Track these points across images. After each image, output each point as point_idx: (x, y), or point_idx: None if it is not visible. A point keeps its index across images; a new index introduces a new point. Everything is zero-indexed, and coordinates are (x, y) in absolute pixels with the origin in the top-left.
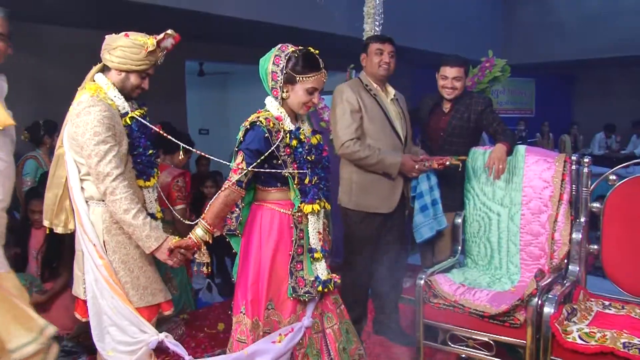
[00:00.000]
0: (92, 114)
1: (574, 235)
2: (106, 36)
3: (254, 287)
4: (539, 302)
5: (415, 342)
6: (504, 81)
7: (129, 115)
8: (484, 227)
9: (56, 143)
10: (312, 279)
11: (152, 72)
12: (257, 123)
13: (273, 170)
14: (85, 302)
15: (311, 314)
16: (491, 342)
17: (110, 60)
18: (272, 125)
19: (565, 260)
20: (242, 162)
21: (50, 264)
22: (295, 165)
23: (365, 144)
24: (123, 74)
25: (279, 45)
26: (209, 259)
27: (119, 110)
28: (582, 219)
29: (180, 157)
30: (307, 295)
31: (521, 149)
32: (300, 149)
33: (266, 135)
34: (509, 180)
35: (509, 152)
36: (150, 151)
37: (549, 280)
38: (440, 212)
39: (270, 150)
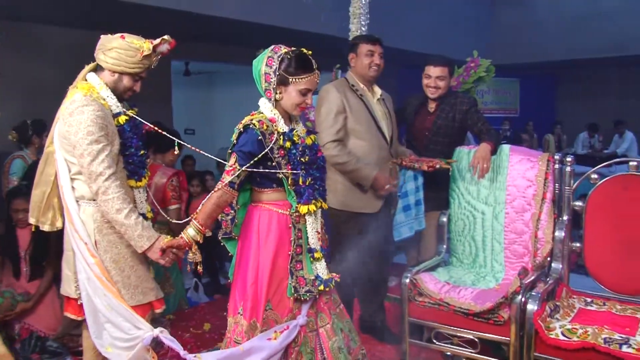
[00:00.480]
0: (85, 113)
1: (556, 234)
2: (102, 36)
3: (252, 288)
4: (523, 299)
5: (401, 340)
6: (489, 81)
7: (123, 115)
8: (468, 226)
9: (44, 143)
10: (313, 278)
11: (144, 76)
12: (250, 126)
13: (265, 170)
14: (76, 300)
15: (306, 312)
16: (476, 339)
17: (104, 61)
18: (265, 127)
19: (549, 258)
20: (234, 164)
21: (39, 262)
22: (290, 167)
23: (346, 149)
24: (116, 75)
25: (272, 47)
26: (201, 258)
27: (111, 111)
28: (565, 218)
29: (175, 152)
30: (308, 295)
31: (505, 148)
32: (293, 151)
33: (259, 137)
34: (493, 179)
35: (494, 152)
36: (142, 151)
37: (533, 278)
38: (421, 213)
39: (263, 153)
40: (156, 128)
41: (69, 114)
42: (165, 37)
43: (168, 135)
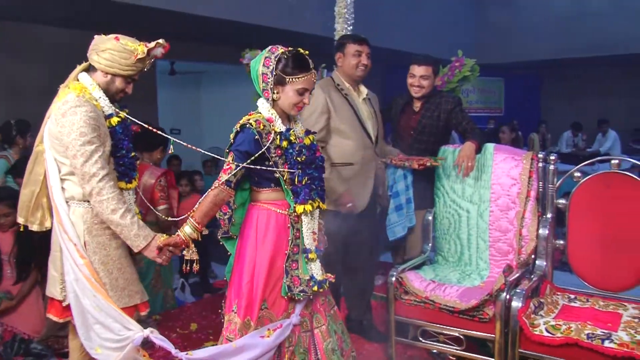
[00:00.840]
0: (78, 114)
1: (540, 231)
2: (95, 36)
3: (247, 286)
4: (507, 296)
5: (388, 338)
6: (474, 80)
7: (115, 117)
8: (453, 224)
9: (29, 143)
10: (307, 278)
11: (137, 78)
12: (247, 125)
13: (259, 167)
14: (60, 302)
15: (300, 312)
16: (461, 336)
17: (97, 62)
18: (262, 127)
19: (533, 256)
20: (231, 163)
21: (26, 263)
22: (287, 166)
23: (326, 155)
24: (109, 76)
25: (269, 47)
26: (197, 256)
27: (103, 112)
28: (549, 215)
29: (170, 151)
30: (301, 294)
31: (489, 147)
32: (290, 150)
33: (256, 137)
34: (477, 177)
35: (478, 150)
36: (133, 153)
37: (517, 275)
38: (412, 210)
39: (260, 152)
40: (151, 128)
41: (61, 114)
42: (160, 40)
43: (162, 134)
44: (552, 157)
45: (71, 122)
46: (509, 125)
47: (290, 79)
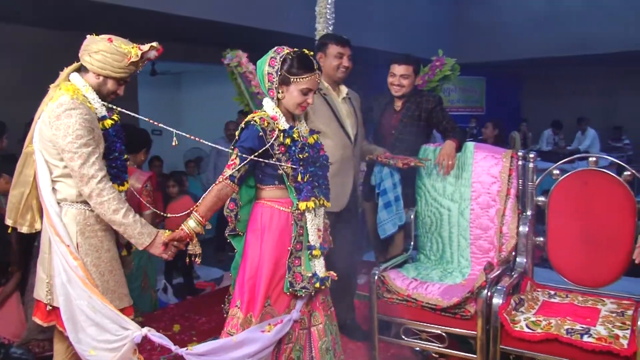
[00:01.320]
0: (73, 116)
1: (521, 229)
2: (87, 36)
3: (250, 282)
4: (489, 293)
5: (371, 337)
6: (455, 80)
7: (109, 120)
8: (435, 223)
9: (4, 145)
10: (310, 275)
11: (129, 80)
12: (252, 122)
13: (261, 160)
14: (47, 305)
15: (300, 308)
16: (443, 334)
17: (89, 63)
18: (266, 124)
19: (513, 253)
20: (235, 158)
21: (4, 266)
22: (290, 164)
23: None
24: (101, 78)
25: (275, 48)
26: (200, 250)
27: (96, 114)
28: (529, 213)
29: (175, 143)
30: (303, 291)
31: (470, 145)
32: (293, 147)
33: (260, 134)
34: (458, 176)
35: (458, 149)
36: (125, 156)
37: (498, 272)
38: (401, 208)
39: (264, 148)
40: (152, 121)
41: (55, 117)
42: (154, 43)
43: (167, 128)
44: (532, 155)
45: (66, 125)
46: (493, 121)
47: (295, 79)
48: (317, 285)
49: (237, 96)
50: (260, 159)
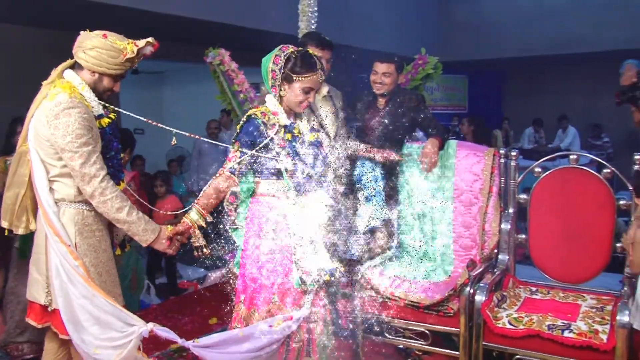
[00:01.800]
0: (72, 115)
1: (503, 226)
2: (81, 32)
3: (251, 278)
4: (471, 291)
5: (354, 334)
6: (438, 78)
7: (105, 118)
8: (418, 220)
9: None
10: (317, 268)
11: (125, 76)
12: (253, 116)
13: (261, 154)
14: (41, 306)
15: (309, 305)
16: (427, 331)
17: (84, 60)
18: (267, 119)
19: (496, 250)
20: (236, 151)
21: None
22: (289, 158)
23: None
24: (96, 75)
25: (280, 46)
26: (204, 241)
27: (93, 112)
28: (511, 210)
29: (174, 142)
30: (313, 285)
31: (452, 143)
32: (292, 143)
33: (261, 127)
34: (441, 174)
35: (441, 147)
36: (122, 154)
37: (481, 269)
38: (382, 202)
39: (265, 142)
40: (155, 123)
41: (54, 116)
42: (150, 39)
43: (164, 127)
44: (514, 153)
45: (66, 124)
46: (468, 118)
47: (297, 78)
48: (327, 277)
49: (219, 94)
50: (260, 154)
